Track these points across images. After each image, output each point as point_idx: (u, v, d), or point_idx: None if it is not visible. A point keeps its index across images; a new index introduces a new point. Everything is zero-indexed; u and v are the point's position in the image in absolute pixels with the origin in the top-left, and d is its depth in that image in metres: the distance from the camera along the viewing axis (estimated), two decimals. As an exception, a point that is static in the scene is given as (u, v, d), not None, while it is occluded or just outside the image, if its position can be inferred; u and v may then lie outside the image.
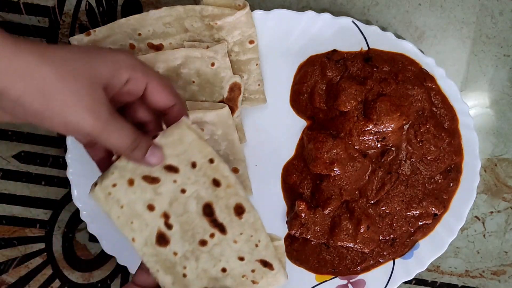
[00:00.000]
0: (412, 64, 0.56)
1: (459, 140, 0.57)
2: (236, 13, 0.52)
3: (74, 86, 0.37)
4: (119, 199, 0.44)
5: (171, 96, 0.44)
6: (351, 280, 0.58)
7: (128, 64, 0.41)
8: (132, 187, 0.44)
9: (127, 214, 0.44)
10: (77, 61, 0.38)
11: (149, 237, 0.45)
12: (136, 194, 0.44)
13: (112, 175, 0.44)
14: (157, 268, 0.45)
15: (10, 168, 0.60)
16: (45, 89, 0.36)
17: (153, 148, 0.42)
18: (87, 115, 0.38)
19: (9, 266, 0.61)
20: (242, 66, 0.56)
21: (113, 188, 0.44)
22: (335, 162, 0.54)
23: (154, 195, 0.44)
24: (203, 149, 0.44)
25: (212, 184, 0.44)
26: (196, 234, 0.44)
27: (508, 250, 0.62)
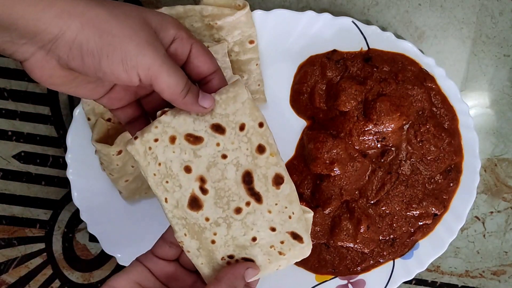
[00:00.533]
0: (412, 64, 0.56)
1: (459, 140, 0.57)
2: (236, 13, 0.52)
3: (129, 24, 0.36)
4: (157, 156, 0.43)
5: (214, 62, 0.43)
6: (351, 280, 0.58)
7: (174, 23, 0.40)
8: (173, 145, 0.43)
9: (163, 173, 0.43)
10: (129, 9, 0.38)
11: (181, 199, 0.44)
12: (175, 153, 0.43)
13: (155, 129, 0.42)
14: (184, 232, 0.44)
15: (10, 168, 0.60)
16: (101, 26, 0.36)
17: (203, 93, 0.41)
18: (147, 48, 0.37)
19: (9, 266, 0.61)
20: (242, 66, 0.56)
21: (154, 143, 0.43)
22: (335, 162, 0.54)
23: (193, 157, 0.43)
24: (254, 111, 0.43)
25: (256, 151, 0.43)
26: (231, 201, 0.44)
27: (508, 250, 0.62)
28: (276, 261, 0.44)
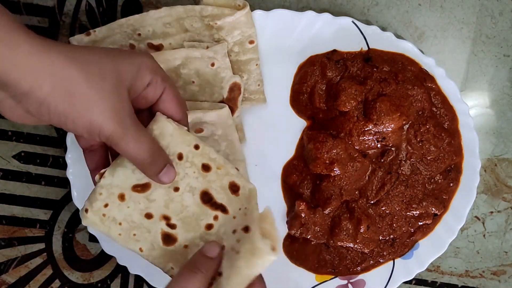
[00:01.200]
0: (412, 64, 0.56)
1: (459, 140, 0.57)
2: (236, 13, 0.52)
3: (100, 87, 0.37)
4: (115, 217, 0.44)
5: (181, 111, 0.44)
6: (351, 280, 0.58)
7: (150, 67, 0.41)
8: (124, 201, 0.44)
9: (127, 228, 0.44)
10: (103, 62, 0.38)
11: (154, 241, 0.44)
12: (130, 207, 0.44)
13: (100, 196, 0.43)
14: (171, 266, 0.44)
15: (10, 168, 0.60)
16: (71, 89, 0.36)
17: (169, 167, 0.42)
18: (111, 117, 0.37)
19: (9, 266, 0.61)
20: (242, 66, 0.56)
21: (105, 208, 0.44)
22: (335, 162, 0.54)
23: (148, 203, 0.44)
24: (185, 137, 0.43)
25: (202, 170, 0.44)
26: (200, 220, 0.44)
27: (508, 250, 0.62)
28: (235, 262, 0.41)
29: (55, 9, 0.58)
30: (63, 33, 0.59)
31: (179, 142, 0.43)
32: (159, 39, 0.54)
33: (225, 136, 0.55)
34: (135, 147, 0.40)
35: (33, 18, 0.58)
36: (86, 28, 0.58)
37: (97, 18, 0.59)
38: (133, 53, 0.41)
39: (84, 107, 0.37)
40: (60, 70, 0.36)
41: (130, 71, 0.39)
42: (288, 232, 0.57)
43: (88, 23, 0.59)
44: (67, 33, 0.59)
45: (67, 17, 0.59)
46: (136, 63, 0.40)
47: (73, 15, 0.59)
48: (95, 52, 0.38)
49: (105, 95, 0.37)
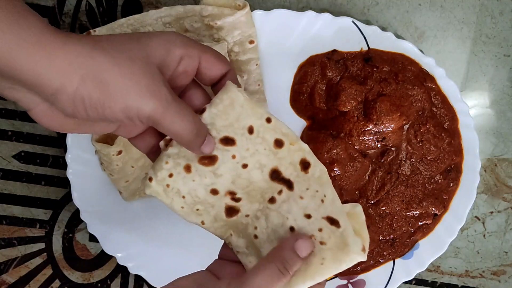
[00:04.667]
0: (412, 64, 0.56)
1: (459, 140, 0.57)
2: (236, 13, 0.52)
3: (130, 71, 0.36)
4: (179, 190, 0.41)
5: (225, 64, 0.42)
6: (351, 280, 0.58)
7: (179, 42, 0.39)
8: (190, 173, 0.41)
9: (190, 203, 0.42)
10: (130, 47, 0.37)
11: (217, 215, 0.43)
12: (195, 181, 0.41)
13: (166, 165, 0.41)
14: (230, 233, 0.43)
15: (10, 168, 0.60)
16: (102, 77, 0.35)
17: (209, 137, 0.40)
18: (148, 96, 0.36)
19: (9, 266, 0.61)
20: (242, 66, 0.56)
21: (170, 179, 0.41)
22: (335, 162, 0.54)
23: (214, 179, 0.41)
24: (257, 109, 0.41)
25: (274, 146, 0.41)
26: (264, 194, 0.42)
27: (508, 250, 0.62)
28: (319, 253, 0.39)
29: (55, 9, 0.58)
30: (63, 33, 0.59)
31: (250, 114, 0.41)
32: (159, 39, 0.54)
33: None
34: (178, 123, 0.38)
35: (33, 18, 0.58)
36: (86, 28, 0.58)
37: (97, 18, 0.59)
38: (158, 33, 0.40)
39: (118, 92, 0.36)
40: (88, 60, 0.35)
41: (158, 50, 0.38)
42: (288, 232, 0.57)
43: (88, 23, 0.59)
44: (67, 33, 0.59)
45: (67, 17, 0.59)
46: (163, 41, 0.39)
47: (73, 15, 0.59)
48: (119, 38, 0.37)
49: (137, 77, 0.36)
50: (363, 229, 0.39)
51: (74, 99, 0.35)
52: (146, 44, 0.38)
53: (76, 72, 0.35)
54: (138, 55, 0.37)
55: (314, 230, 0.40)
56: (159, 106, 0.37)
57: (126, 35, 0.38)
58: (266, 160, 0.41)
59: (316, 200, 0.40)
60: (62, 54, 0.34)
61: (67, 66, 0.34)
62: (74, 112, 0.36)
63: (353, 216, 0.40)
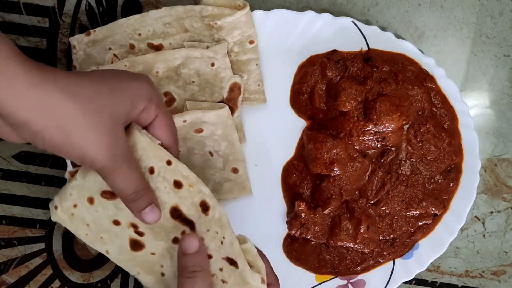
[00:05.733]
0: (412, 64, 0.56)
1: (459, 140, 0.57)
2: (236, 13, 0.52)
3: (96, 125, 0.37)
4: (84, 218, 0.44)
5: (172, 138, 0.44)
6: (351, 280, 0.58)
7: (146, 95, 0.41)
8: (93, 205, 0.44)
9: (95, 231, 0.44)
10: (100, 98, 0.38)
11: (122, 246, 0.44)
12: (99, 212, 0.44)
13: (71, 197, 0.44)
14: (137, 271, 0.45)
15: (10, 168, 0.60)
16: (67, 126, 0.36)
17: (153, 208, 0.42)
18: (104, 154, 0.38)
19: (9, 266, 0.61)
20: (242, 66, 0.56)
21: (74, 209, 0.44)
22: (335, 162, 0.54)
23: (116, 211, 0.44)
24: (158, 152, 0.43)
25: (174, 187, 0.43)
26: (169, 233, 0.44)
27: (508, 250, 0.62)
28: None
29: (55, 9, 0.58)
30: (63, 33, 0.59)
31: (151, 156, 0.43)
32: (159, 39, 0.54)
33: (225, 136, 0.55)
34: (121, 183, 0.40)
35: (33, 18, 0.58)
36: (86, 28, 0.58)
37: (97, 18, 0.59)
38: (130, 81, 0.41)
39: (79, 144, 0.37)
40: (56, 106, 0.36)
41: (125, 105, 0.40)
42: (288, 232, 0.57)
43: (88, 23, 0.59)
44: (67, 33, 0.59)
45: (67, 17, 0.59)
46: (132, 92, 0.40)
47: (73, 15, 0.59)
48: (91, 84, 0.38)
49: (100, 134, 0.38)
50: (257, 260, 0.43)
51: (36, 136, 0.37)
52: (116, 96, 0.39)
53: (43, 114, 0.35)
54: (107, 110, 0.38)
55: (215, 270, 0.43)
56: (109, 165, 0.39)
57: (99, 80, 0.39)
58: (167, 198, 0.44)
59: (216, 241, 0.43)
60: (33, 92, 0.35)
61: (36, 106, 0.35)
62: (33, 143, 0.38)
63: (246, 251, 0.43)
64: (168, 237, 0.44)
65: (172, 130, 0.45)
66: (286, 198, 0.58)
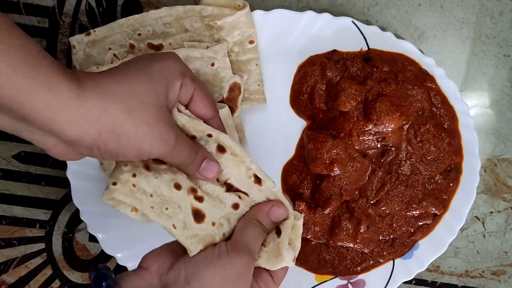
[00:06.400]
0: (412, 64, 0.56)
1: (459, 140, 0.57)
2: (236, 13, 0.52)
3: (144, 118, 0.38)
4: (145, 189, 0.42)
5: (212, 109, 0.44)
6: (351, 280, 0.58)
7: (178, 72, 0.41)
8: (150, 172, 0.42)
9: (158, 202, 0.43)
10: (138, 90, 0.38)
11: (186, 219, 0.43)
12: (157, 179, 0.42)
13: (126, 167, 0.42)
14: (200, 247, 0.44)
15: (10, 168, 0.60)
16: (117, 128, 0.37)
17: (208, 161, 0.43)
18: (158, 143, 0.39)
19: (9, 266, 0.61)
20: (242, 66, 0.56)
21: (134, 179, 0.42)
22: (335, 162, 0.54)
23: (174, 174, 0.43)
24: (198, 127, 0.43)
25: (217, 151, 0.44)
26: (223, 198, 0.45)
27: (508, 250, 0.62)
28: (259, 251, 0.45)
29: (55, 9, 0.58)
30: (63, 33, 0.59)
31: (192, 131, 0.43)
32: (159, 39, 0.54)
33: (225, 136, 0.55)
34: (179, 158, 0.41)
35: (33, 18, 0.58)
36: (86, 28, 0.58)
37: (97, 18, 0.59)
38: (159, 63, 0.41)
39: (133, 143, 0.38)
40: (102, 114, 0.36)
41: (162, 87, 0.40)
42: (288, 232, 0.57)
43: (88, 23, 0.59)
44: (67, 33, 0.59)
45: (67, 17, 0.59)
46: (164, 73, 0.40)
47: (73, 15, 0.59)
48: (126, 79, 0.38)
49: (150, 126, 0.38)
50: (297, 240, 0.45)
51: (92, 148, 0.37)
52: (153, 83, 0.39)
53: (92, 127, 0.36)
54: (148, 99, 0.38)
55: None
56: (167, 149, 0.40)
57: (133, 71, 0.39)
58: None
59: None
60: (77, 106, 0.35)
61: (83, 120, 0.35)
62: (90, 155, 0.39)
63: (294, 227, 0.44)
64: (224, 203, 0.45)
65: (210, 101, 0.44)
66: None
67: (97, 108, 0.35)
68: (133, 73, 0.39)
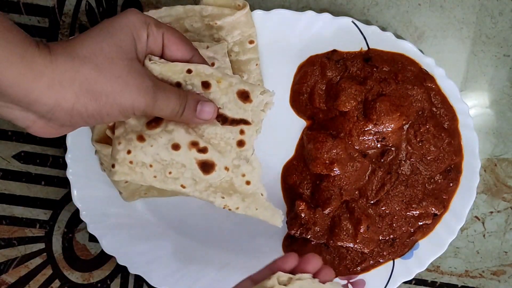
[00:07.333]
0: (412, 64, 0.56)
1: (459, 140, 0.57)
2: (236, 13, 0.52)
3: (116, 75, 0.38)
4: (144, 161, 0.42)
5: (188, 48, 0.44)
6: (351, 280, 0.58)
7: (140, 22, 0.41)
8: (144, 142, 0.42)
9: (160, 169, 0.42)
10: (104, 47, 0.38)
11: (194, 175, 0.43)
12: (154, 146, 0.42)
13: (120, 145, 0.42)
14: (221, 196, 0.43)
15: (10, 168, 0.60)
16: (93, 89, 0.37)
17: (202, 103, 0.42)
18: (137, 94, 0.38)
19: (9, 266, 0.61)
20: (242, 66, 0.56)
21: (130, 155, 0.42)
22: (335, 162, 0.54)
23: (169, 135, 0.42)
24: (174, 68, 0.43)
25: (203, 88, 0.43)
26: (228, 140, 0.44)
27: (508, 250, 0.62)
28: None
29: (55, 9, 0.58)
30: (63, 33, 0.59)
31: (171, 75, 0.43)
32: (159, 39, 0.54)
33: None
34: (167, 107, 0.41)
35: (33, 18, 0.58)
36: (86, 28, 0.58)
37: (97, 18, 0.59)
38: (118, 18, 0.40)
39: (112, 100, 0.37)
40: (75, 75, 0.36)
41: (128, 39, 0.40)
42: (288, 232, 0.57)
43: (88, 23, 0.59)
44: (67, 33, 0.59)
45: (67, 17, 0.59)
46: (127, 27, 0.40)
47: (73, 15, 0.59)
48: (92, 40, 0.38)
49: (124, 79, 0.38)
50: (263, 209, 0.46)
51: (72, 113, 0.37)
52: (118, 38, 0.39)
53: (68, 89, 0.36)
54: (116, 54, 0.38)
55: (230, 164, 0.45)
56: (149, 100, 0.39)
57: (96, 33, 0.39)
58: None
59: None
60: (50, 72, 0.35)
61: (58, 84, 0.35)
62: (72, 123, 0.38)
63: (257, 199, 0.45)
64: (230, 145, 0.44)
65: (184, 41, 0.44)
66: (286, 198, 0.58)
67: (68, 71, 0.36)
68: (97, 32, 0.39)
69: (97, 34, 0.39)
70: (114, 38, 0.39)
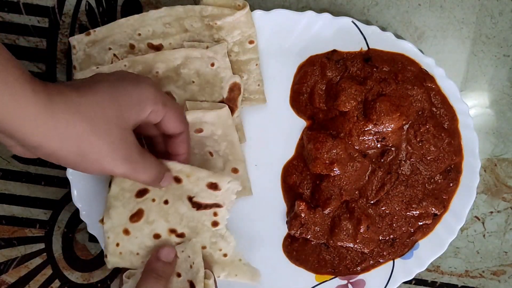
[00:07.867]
0: (412, 64, 0.56)
1: (459, 140, 0.57)
2: (236, 13, 0.52)
3: (108, 137, 0.39)
4: (131, 250, 0.49)
5: (182, 125, 0.47)
6: (351, 280, 0.58)
7: (151, 99, 0.42)
8: (130, 234, 0.49)
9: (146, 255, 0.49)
10: (106, 110, 0.39)
11: None
12: (138, 237, 0.49)
13: (109, 239, 0.49)
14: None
15: (10, 168, 0.60)
16: (80, 145, 0.38)
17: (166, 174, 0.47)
18: (121, 162, 0.40)
19: (9, 266, 0.61)
20: (242, 66, 0.56)
21: (118, 247, 0.49)
22: (335, 162, 0.54)
23: (150, 226, 0.49)
24: None
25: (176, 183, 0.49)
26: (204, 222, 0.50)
27: (508, 250, 0.62)
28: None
29: (55, 9, 0.58)
30: (63, 33, 0.59)
31: None
32: (159, 39, 0.54)
33: (225, 136, 0.55)
34: (146, 175, 0.44)
35: (33, 18, 0.58)
36: (86, 28, 0.58)
37: (97, 18, 0.59)
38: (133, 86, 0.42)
39: (95, 158, 0.39)
40: (68, 127, 0.36)
41: (132, 110, 0.41)
42: (288, 232, 0.57)
43: (88, 23, 0.59)
44: (67, 33, 0.59)
45: (67, 17, 0.59)
46: (137, 98, 0.41)
47: (73, 15, 0.59)
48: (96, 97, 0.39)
49: (114, 145, 0.39)
50: None
51: (50, 157, 0.38)
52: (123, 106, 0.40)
53: (55, 136, 0.36)
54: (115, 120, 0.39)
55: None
56: (129, 168, 0.41)
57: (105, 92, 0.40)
58: (178, 191, 0.49)
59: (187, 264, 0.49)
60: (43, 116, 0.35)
61: (47, 129, 0.36)
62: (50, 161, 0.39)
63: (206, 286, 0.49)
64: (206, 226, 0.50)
65: (182, 119, 0.47)
66: (286, 198, 0.58)
67: (64, 123, 0.36)
68: (105, 92, 0.40)
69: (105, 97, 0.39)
70: (121, 108, 0.40)
